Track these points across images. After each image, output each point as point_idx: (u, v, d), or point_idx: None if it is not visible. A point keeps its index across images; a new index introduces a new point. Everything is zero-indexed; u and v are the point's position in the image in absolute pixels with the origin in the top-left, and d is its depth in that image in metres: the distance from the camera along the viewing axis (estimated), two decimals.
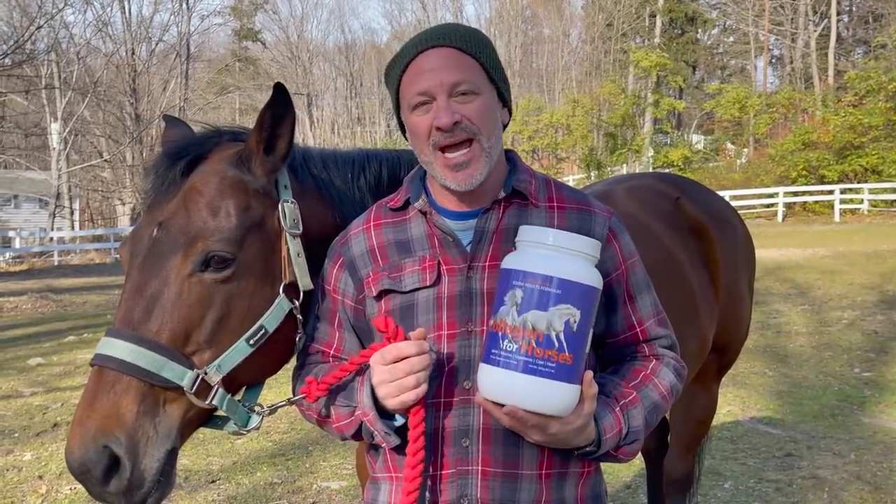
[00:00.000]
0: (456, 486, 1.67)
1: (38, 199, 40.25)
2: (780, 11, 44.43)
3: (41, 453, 6.05)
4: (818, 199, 31.22)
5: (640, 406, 1.69)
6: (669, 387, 1.76)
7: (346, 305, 1.85)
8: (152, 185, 1.93)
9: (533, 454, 1.66)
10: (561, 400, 1.51)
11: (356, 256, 1.84)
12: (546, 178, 1.86)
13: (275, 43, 60.54)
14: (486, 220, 1.74)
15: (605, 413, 1.63)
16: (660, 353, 1.80)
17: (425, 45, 1.72)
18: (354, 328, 1.86)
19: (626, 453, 1.69)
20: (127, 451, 1.68)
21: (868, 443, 5.67)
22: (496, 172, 1.76)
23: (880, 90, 31.60)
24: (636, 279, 1.81)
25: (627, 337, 1.80)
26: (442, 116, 1.64)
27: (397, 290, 1.75)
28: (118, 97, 39.52)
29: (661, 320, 1.84)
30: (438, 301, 1.71)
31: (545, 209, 1.77)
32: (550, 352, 1.48)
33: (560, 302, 1.49)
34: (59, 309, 15.51)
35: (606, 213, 1.81)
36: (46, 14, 30.82)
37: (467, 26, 1.78)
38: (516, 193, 1.77)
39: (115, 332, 1.76)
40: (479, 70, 1.71)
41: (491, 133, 1.69)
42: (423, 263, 1.74)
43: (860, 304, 11.37)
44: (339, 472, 5.48)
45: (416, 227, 1.80)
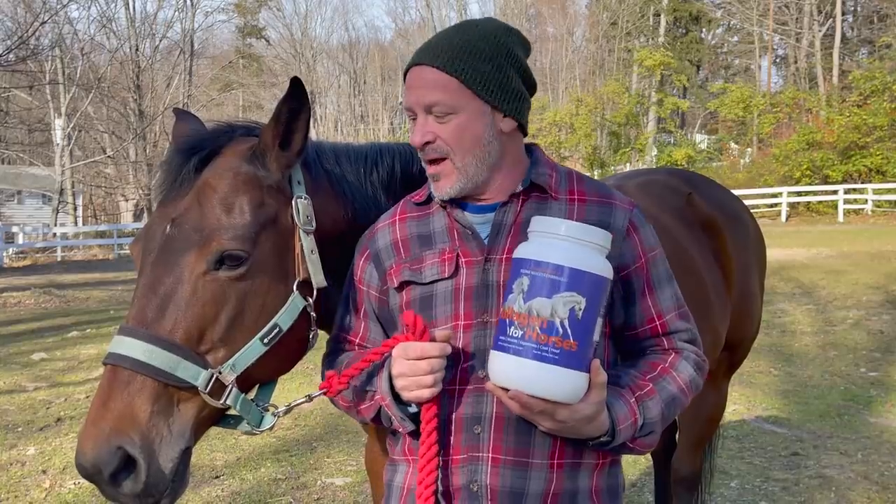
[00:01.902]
0: (466, 471, 1.69)
1: (41, 194, 40.28)
2: (784, 11, 44.34)
3: (45, 448, 6.04)
4: (822, 200, 31.17)
5: (657, 398, 1.68)
6: (688, 380, 1.75)
7: (370, 296, 1.89)
8: (164, 181, 1.91)
9: (545, 444, 1.67)
10: (565, 386, 1.52)
11: (381, 249, 1.88)
12: (569, 172, 1.87)
13: (279, 40, 60.52)
14: (504, 213, 1.77)
15: (619, 404, 1.63)
16: (679, 347, 1.80)
17: (414, 61, 1.77)
18: (379, 318, 1.90)
19: (643, 445, 1.69)
20: (141, 452, 1.66)
21: (875, 442, 5.64)
22: (510, 170, 1.79)
23: (885, 90, 31.54)
24: (657, 272, 1.80)
25: (647, 330, 1.79)
26: (414, 136, 1.75)
27: (417, 282, 1.79)
28: (122, 93, 39.54)
29: (683, 314, 1.83)
30: (456, 292, 1.74)
31: (565, 202, 1.78)
32: (554, 338, 1.50)
33: (565, 289, 1.51)
34: (62, 304, 15.52)
35: (628, 206, 1.81)
36: (50, 10, 30.84)
37: (468, 33, 1.76)
38: (536, 187, 1.79)
39: (128, 330, 1.73)
40: (460, 88, 1.70)
41: (466, 151, 1.72)
42: (442, 255, 1.78)
43: (865, 303, 11.34)
44: (344, 468, 5.46)
45: (437, 220, 1.84)
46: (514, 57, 1.77)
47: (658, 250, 1.82)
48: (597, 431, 1.60)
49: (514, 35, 1.82)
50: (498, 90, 1.73)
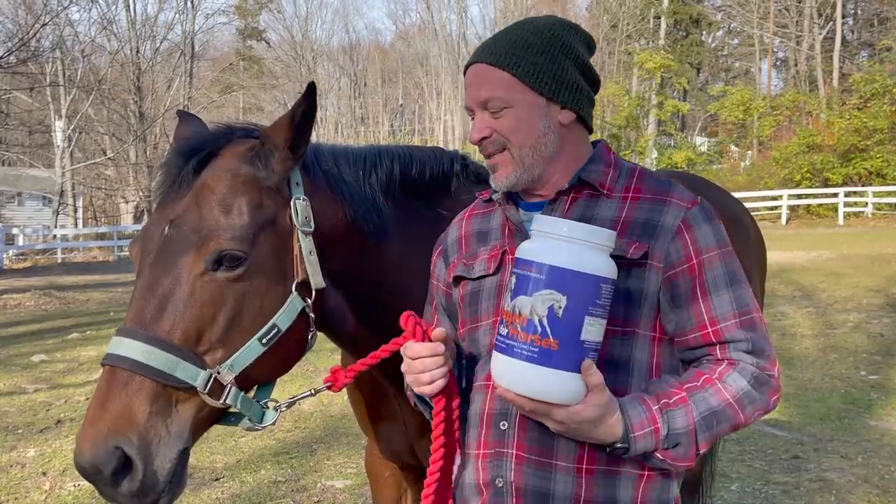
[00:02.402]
0: (492, 466, 1.70)
1: (41, 196, 40.29)
2: (784, 14, 44.34)
3: (45, 450, 6.04)
4: (822, 202, 31.18)
5: (689, 408, 1.57)
6: (737, 393, 1.61)
7: (439, 289, 1.97)
8: (163, 183, 1.92)
9: (569, 446, 1.63)
10: (546, 385, 1.50)
11: (449, 244, 1.95)
12: (633, 169, 1.81)
13: (279, 42, 60.57)
14: (552, 210, 1.75)
15: (636, 410, 1.56)
16: (734, 358, 1.65)
17: (470, 61, 1.80)
18: (447, 311, 1.95)
19: (673, 458, 1.58)
20: (139, 453, 1.67)
21: (875, 446, 5.64)
22: (566, 166, 1.77)
23: (885, 93, 31.56)
24: (712, 275, 1.67)
25: (698, 337, 1.67)
26: (472, 133, 1.77)
27: (467, 277, 1.83)
28: (122, 95, 39.55)
29: (745, 322, 1.67)
30: (500, 289, 1.76)
31: (618, 199, 1.74)
32: (533, 336, 1.49)
33: (543, 287, 1.49)
34: (62, 306, 15.52)
35: (685, 204, 1.70)
36: (51, 12, 30.84)
37: (522, 30, 1.77)
38: (588, 184, 1.75)
39: (126, 331, 1.74)
40: (513, 82, 1.72)
41: (522, 143, 1.73)
42: (492, 252, 1.81)
43: (865, 306, 11.33)
44: (344, 470, 5.46)
45: (496, 217, 1.87)
46: (570, 49, 1.76)
47: (716, 251, 1.69)
48: (607, 437, 1.55)
49: (574, 30, 1.81)
50: (552, 81, 1.73)
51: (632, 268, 1.64)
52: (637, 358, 1.67)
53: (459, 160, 2.48)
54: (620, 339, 1.65)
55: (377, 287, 2.20)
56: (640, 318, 1.67)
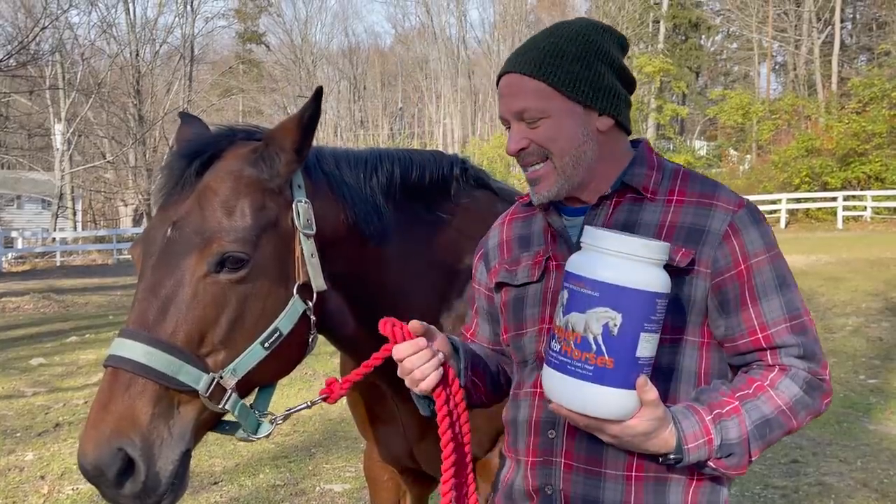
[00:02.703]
0: (541, 474, 1.72)
1: (40, 199, 40.32)
2: (783, 18, 44.43)
3: (43, 453, 6.03)
4: (821, 206, 31.20)
5: (742, 418, 1.56)
6: (790, 400, 1.60)
7: (480, 293, 1.98)
8: (165, 185, 1.92)
9: (619, 455, 1.63)
10: (602, 403, 1.48)
11: (490, 249, 1.95)
12: (676, 170, 1.79)
13: (279, 46, 60.61)
14: (594, 216, 1.73)
15: (690, 421, 1.54)
16: (786, 363, 1.63)
17: (503, 70, 1.77)
18: (489, 315, 1.96)
19: (726, 467, 1.56)
20: (142, 454, 1.67)
21: (874, 450, 5.64)
22: (602, 174, 1.74)
23: (884, 97, 31.62)
24: (761, 279, 1.64)
25: (748, 343, 1.65)
26: (509, 144, 1.75)
27: (511, 284, 1.83)
28: (122, 98, 39.55)
29: (796, 327, 1.64)
30: (544, 296, 1.76)
31: (662, 203, 1.71)
32: (588, 354, 1.46)
33: (597, 305, 1.46)
34: (61, 309, 15.50)
35: (732, 208, 1.67)
36: (51, 15, 30.90)
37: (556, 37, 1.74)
38: (630, 188, 1.73)
39: (129, 332, 1.74)
40: (548, 91, 1.69)
41: (563, 152, 1.70)
42: (535, 258, 1.81)
43: (864, 310, 11.33)
44: (343, 474, 5.46)
45: (537, 222, 1.86)
46: (605, 54, 1.73)
47: (765, 255, 1.66)
48: (661, 448, 1.53)
49: (608, 33, 1.78)
50: (588, 89, 1.70)
51: (679, 275, 1.61)
52: (685, 364, 1.67)
53: (459, 164, 2.48)
54: (668, 347, 1.63)
55: (377, 289, 2.20)
56: (688, 325, 1.66)
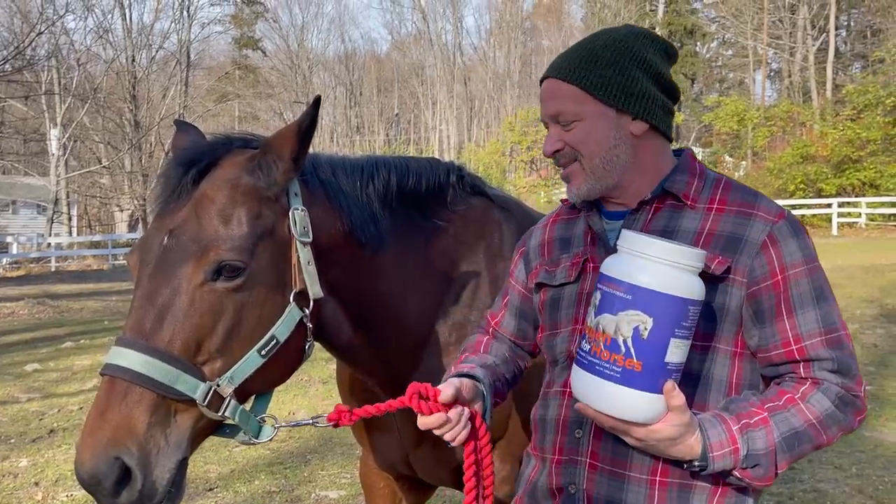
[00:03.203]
0: (566, 472, 1.74)
1: (36, 204, 40.21)
2: (778, 25, 44.59)
3: (37, 460, 6.01)
4: (816, 213, 31.26)
5: (769, 429, 1.55)
6: (821, 414, 1.59)
7: (516, 290, 2.01)
8: (162, 193, 1.91)
9: (644, 458, 1.64)
10: (628, 405, 1.49)
11: (531, 248, 1.99)
12: (718, 179, 1.80)
13: (275, 51, 60.61)
14: (633, 221, 1.76)
15: (717, 430, 1.54)
16: (819, 377, 1.62)
17: (543, 75, 1.85)
18: (519, 311, 2.00)
19: (752, 478, 1.56)
20: (139, 463, 1.67)
21: (870, 457, 5.64)
22: (640, 178, 1.77)
23: (878, 104, 31.71)
24: (798, 291, 1.64)
25: (781, 354, 1.64)
26: (545, 146, 1.82)
27: (549, 284, 1.87)
28: (118, 104, 39.49)
29: (832, 340, 1.63)
30: (580, 297, 1.79)
31: (702, 211, 1.72)
32: (617, 356, 1.48)
33: (629, 308, 1.47)
34: (56, 315, 15.46)
35: (772, 218, 1.68)
36: (47, 20, 30.83)
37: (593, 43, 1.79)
38: (671, 195, 1.76)
39: (125, 341, 1.74)
40: (582, 95, 1.74)
41: (593, 154, 1.75)
42: (574, 260, 1.84)
43: (859, 317, 11.34)
44: (338, 480, 5.45)
45: (579, 225, 1.90)
46: (642, 60, 1.76)
47: (803, 268, 1.65)
48: (686, 455, 1.53)
49: (650, 40, 1.81)
50: (620, 93, 1.73)
51: (714, 283, 1.63)
52: (716, 373, 1.67)
53: (455, 171, 2.48)
54: (700, 354, 1.64)
55: (373, 297, 2.20)
56: (721, 334, 1.66)
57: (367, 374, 2.38)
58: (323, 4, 76.66)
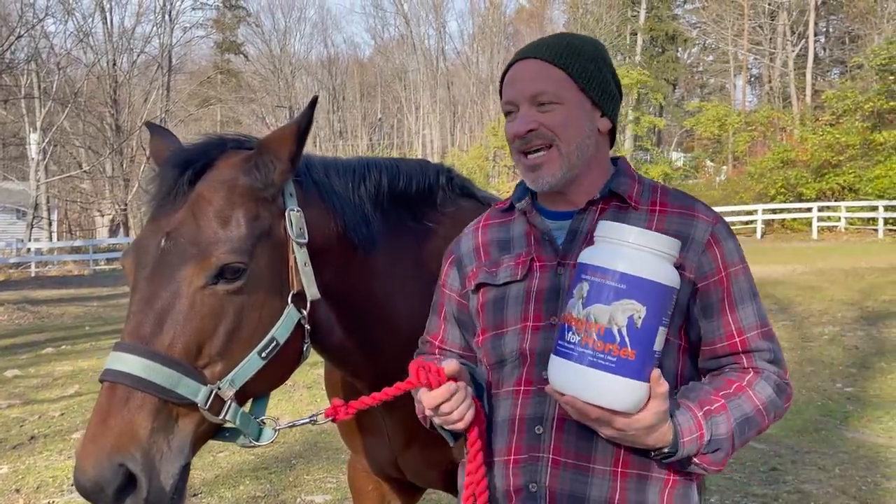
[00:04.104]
0: (526, 471, 1.71)
1: (15, 209, 39.80)
2: (758, 31, 45.01)
3: (18, 466, 5.94)
4: (796, 217, 31.55)
5: (727, 415, 1.63)
6: (766, 401, 1.69)
7: (452, 299, 1.97)
8: (156, 194, 1.88)
9: (607, 449, 1.66)
10: (621, 394, 1.51)
11: (464, 254, 1.96)
12: (654, 184, 1.88)
13: (257, 56, 60.46)
14: (581, 220, 1.80)
15: (685, 417, 1.60)
16: (759, 367, 1.73)
17: (517, 57, 1.84)
18: (458, 321, 1.96)
19: (710, 462, 1.63)
20: (143, 469, 1.64)
21: (852, 457, 5.69)
22: (593, 176, 1.83)
23: (857, 110, 32.06)
24: (738, 287, 1.75)
25: (725, 346, 1.74)
26: (518, 124, 1.77)
27: (491, 284, 1.84)
28: (99, 108, 39.29)
29: (766, 333, 1.76)
30: (528, 294, 1.78)
31: (646, 212, 1.79)
32: (611, 346, 1.49)
33: (623, 297, 1.49)
34: (36, 320, 15.31)
35: (710, 220, 1.78)
36: (27, 23, 30.66)
37: (574, 38, 1.86)
38: (616, 196, 1.80)
39: (125, 346, 1.71)
40: (566, 80, 1.78)
41: (571, 140, 1.77)
42: (517, 259, 1.83)
43: (840, 319, 11.45)
44: (323, 485, 5.42)
45: (517, 226, 1.89)
46: (610, 66, 1.86)
47: (741, 266, 1.78)
48: (658, 442, 1.58)
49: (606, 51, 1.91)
50: (598, 88, 1.81)
51: None
52: (667, 365, 1.70)
53: (445, 173, 2.49)
54: None
55: (364, 297, 2.19)
56: (671, 327, 1.69)
57: (356, 376, 2.38)
58: (305, 9, 76.48)
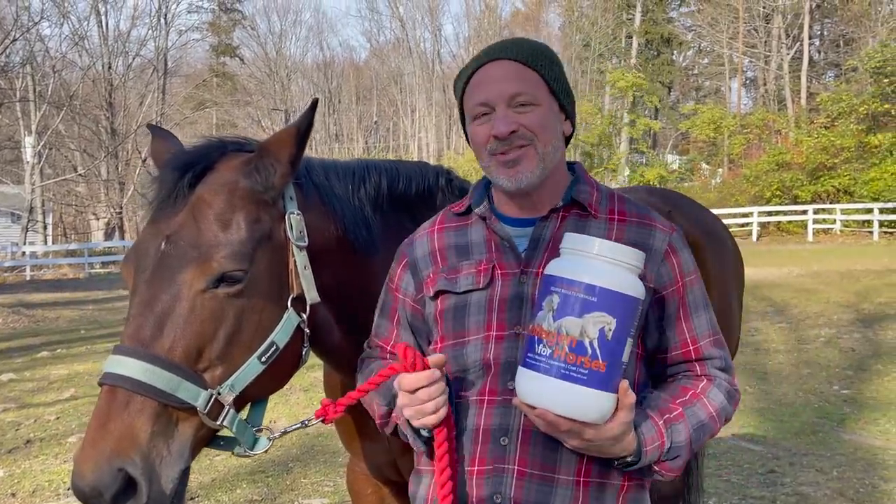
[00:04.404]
0: (491, 483, 1.68)
1: (10, 213, 39.70)
2: (753, 34, 45.11)
3: (14, 470, 5.92)
4: (792, 219, 31.63)
5: (685, 422, 1.66)
6: (719, 408, 1.73)
7: (406, 304, 1.90)
8: (156, 197, 1.87)
9: (571, 459, 1.65)
10: (592, 406, 1.51)
11: (419, 258, 1.89)
12: (610, 192, 1.88)
13: (253, 59, 60.43)
14: (543, 228, 1.78)
15: (647, 425, 1.62)
16: (712, 374, 1.77)
17: (488, 57, 1.80)
18: (412, 327, 1.90)
19: (668, 469, 1.66)
20: (143, 474, 1.63)
21: (849, 459, 5.69)
22: (555, 182, 1.81)
23: (851, 112, 32.18)
24: (693, 297, 1.79)
25: (680, 354, 1.77)
26: (499, 125, 1.72)
27: (452, 291, 1.80)
28: (94, 111, 39.17)
29: (717, 341, 1.81)
30: (490, 303, 1.75)
31: (605, 220, 1.79)
32: (583, 358, 1.48)
33: (595, 309, 1.49)
34: (31, 324, 15.28)
35: (668, 229, 1.80)
36: (22, 27, 30.58)
37: (534, 41, 1.85)
38: (577, 204, 1.80)
39: (125, 349, 1.70)
40: (540, 83, 1.77)
41: (547, 141, 1.75)
42: (478, 266, 1.79)
43: (836, 322, 11.47)
44: (321, 488, 5.40)
45: (475, 231, 1.85)
46: (564, 72, 1.85)
47: (695, 275, 1.81)
48: (623, 452, 1.59)
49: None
50: (564, 93, 1.81)
51: None
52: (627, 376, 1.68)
53: (444, 175, 2.49)
54: None
55: (363, 300, 2.18)
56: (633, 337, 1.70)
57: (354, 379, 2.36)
58: (301, 12, 76.79)
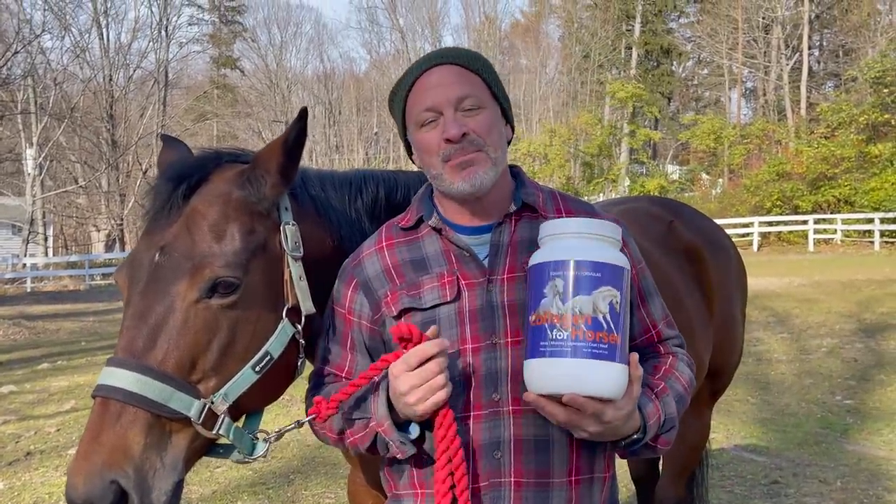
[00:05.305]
0: (489, 499, 1.65)
1: (11, 224, 39.72)
2: (753, 45, 45.22)
3: (14, 483, 5.89)
4: (792, 229, 31.58)
5: (671, 395, 1.71)
6: (688, 380, 1.80)
7: (361, 327, 1.83)
8: (151, 208, 1.86)
9: (562, 461, 1.66)
10: (616, 380, 1.52)
11: (371, 277, 1.83)
12: (552, 191, 1.91)
13: (253, 71, 60.56)
14: (501, 233, 1.77)
15: (644, 399, 1.65)
16: (674, 351, 1.85)
17: (430, 63, 1.78)
18: (369, 349, 1.84)
19: (664, 443, 1.69)
20: (135, 486, 1.61)
21: (853, 470, 5.66)
22: (503, 186, 1.81)
23: (851, 122, 32.19)
24: (647, 283, 1.86)
25: (644, 339, 1.83)
26: (451, 128, 1.69)
27: (417, 308, 1.74)
28: (95, 123, 39.25)
29: (669, 322, 1.89)
30: (460, 316, 1.71)
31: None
32: (601, 333, 1.50)
33: (601, 284, 1.52)
34: (32, 336, 15.25)
35: (616, 221, 1.82)
36: (23, 39, 30.67)
37: (466, 49, 1.85)
38: (526, 206, 1.81)
39: (118, 361, 1.69)
40: (483, 86, 1.78)
41: (497, 145, 1.75)
42: (441, 279, 1.74)
43: (838, 332, 11.44)
44: (322, 500, 5.38)
45: (429, 244, 1.81)
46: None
47: (644, 262, 1.89)
48: (632, 429, 1.61)
49: None
50: (503, 96, 1.83)
51: None
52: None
53: None
54: None
55: None
56: None
57: None
58: (301, 24, 76.64)
